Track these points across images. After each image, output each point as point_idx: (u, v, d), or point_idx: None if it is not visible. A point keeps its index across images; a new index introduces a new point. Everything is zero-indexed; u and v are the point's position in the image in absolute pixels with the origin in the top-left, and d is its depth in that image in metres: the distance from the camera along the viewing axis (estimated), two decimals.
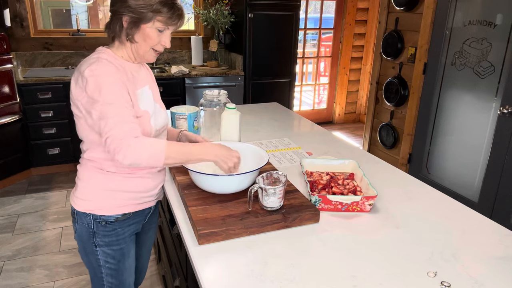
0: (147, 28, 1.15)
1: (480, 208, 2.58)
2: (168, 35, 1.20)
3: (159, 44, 1.20)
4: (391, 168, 1.61)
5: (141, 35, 1.17)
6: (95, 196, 1.25)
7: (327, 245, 1.07)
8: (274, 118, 2.29)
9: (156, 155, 1.10)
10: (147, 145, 1.09)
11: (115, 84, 1.12)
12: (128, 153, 1.07)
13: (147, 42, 1.18)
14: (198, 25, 4.22)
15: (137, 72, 1.27)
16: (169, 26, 1.18)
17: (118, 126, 1.08)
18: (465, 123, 2.74)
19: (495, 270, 0.98)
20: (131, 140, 1.08)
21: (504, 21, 2.40)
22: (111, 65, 1.15)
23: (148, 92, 1.29)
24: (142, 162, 1.09)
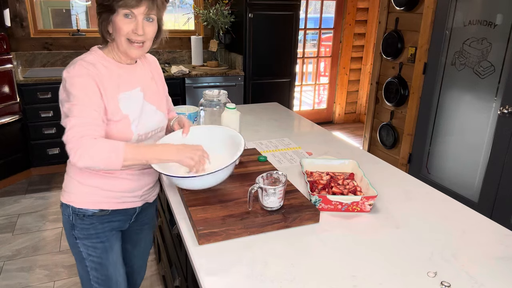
0: (115, 18, 1.15)
1: (480, 208, 2.58)
2: (139, 21, 1.16)
3: (131, 33, 1.17)
4: (391, 168, 1.61)
5: (114, 28, 1.17)
6: (75, 189, 1.27)
7: (327, 245, 1.07)
8: (274, 118, 2.29)
9: (113, 158, 1.08)
10: (103, 148, 1.08)
11: (84, 86, 1.12)
12: (82, 155, 1.06)
13: (119, 33, 1.16)
14: (198, 25, 4.22)
15: (128, 74, 1.26)
16: (131, 9, 1.14)
17: (77, 126, 1.08)
18: (465, 123, 2.74)
19: (495, 270, 0.98)
20: (88, 141, 1.07)
21: (504, 21, 2.40)
22: (89, 66, 1.15)
23: (138, 94, 1.27)
24: (97, 165, 1.08)
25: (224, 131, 1.40)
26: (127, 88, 1.24)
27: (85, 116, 1.10)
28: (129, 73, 1.27)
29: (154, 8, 1.17)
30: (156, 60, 1.46)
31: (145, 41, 1.20)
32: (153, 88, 1.35)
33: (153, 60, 1.45)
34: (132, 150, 1.11)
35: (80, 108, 1.10)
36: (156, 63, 1.45)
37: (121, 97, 1.21)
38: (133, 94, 1.25)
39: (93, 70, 1.15)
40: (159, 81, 1.41)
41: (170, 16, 4.36)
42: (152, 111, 1.32)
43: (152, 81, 1.36)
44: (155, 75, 1.40)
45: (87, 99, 1.11)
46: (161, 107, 1.37)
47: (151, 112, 1.31)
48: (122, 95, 1.22)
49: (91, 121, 1.10)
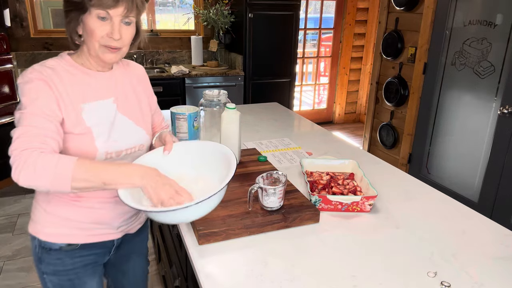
0: (87, 19, 0.99)
1: (480, 208, 2.58)
2: (116, 24, 1.00)
3: (106, 37, 1.01)
4: (391, 168, 1.61)
5: (85, 31, 1.02)
6: (41, 219, 1.11)
7: (327, 245, 1.07)
8: (274, 118, 2.29)
9: (58, 176, 0.88)
10: (49, 162, 0.89)
11: (35, 92, 0.97)
12: (24, 172, 0.88)
13: (91, 37, 1.01)
14: (198, 25, 4.22)
15: (99, 82, 1.10)
16: (108, 10, 0.98)
17: (23, 136, 0.92)
18: (465, 123, 2.74)
19: (495, 270, 0.98)
20: (31, 154, 0.89)
21: (504, 21, 2.40)
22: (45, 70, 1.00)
23: (109, 106, 1.10)
24: (41, 184, 0.89)
25: (214, 147, 1.18)
26: (94, 98, 1.07)
27: (33, 126, 0.94)
28: (101, 81, 1.11)
29: (133, 9, 1.02)
30: (141, 69, 1.27)
31: (121, 47, 1.05)
32: (131, 99, 1.17)
33: (138, 69, 1.26)
34: (85, 168, 0.91)
35: (29, 117, 0.94)
36: (141, 73, 1.26)
37: (85, 107, 1.05)
38: (103, 104, 1.09)
39: (49, 74, 1.00)
40: (142, 92, 1.23)
41: (170, 16, 4.36)
42: (128, 126, 1.14)
43: (132, 92, 1.18)
44: (139, 85, 1.22)
45: (37, 107, 0.96)
46: (142, 122, 1.18)
47: (126, 127, 1.13)
48: (87, 105, 1.06)
49: (40, 131, 0.94)
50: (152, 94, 1.30)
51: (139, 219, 1.27)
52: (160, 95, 3.55)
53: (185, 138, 1.80)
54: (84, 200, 1.09)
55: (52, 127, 0.97)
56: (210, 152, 1.16)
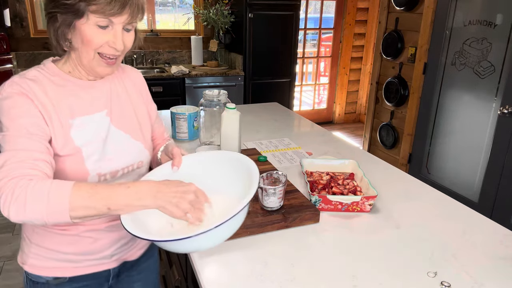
0: (83, 26, 0.86)
1: (480, 208, 2.58)
2: (118, 32, 0.88)
3: (106, 45, 0.88)
4: (391, 168, 1.61)
5: (78, 37, 0.88)
6: (26, 249, 1.01)
7: (327, 245, 1.07)
8: (274, 118, 2.29)
9: (55, 208, 0.75)
10: (40, 191, 0.75)
11: (17, 109, 0.84)
12: (13, 206, 0.75)
13: (87, 46, 0.88)
14: (198, 25, 4.22)
15: (90, 92, 0.96)
16: (112, 18, 0.85)
17: (8, 163, 0.78)
18: (465, 123, 2.74)
19: (495, 270, 0.98)
20: (20, 184, 0.75)
21: (504, 21, 2.40)
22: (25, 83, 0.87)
23: (102, 120, 0.97)
24: (37, 219, 0.76)
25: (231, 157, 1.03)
26: (85, 112, 0.94)
27: (19, 149, 0.81)
28: (92, 92, 0.97)
29: (137, 15, 0.90)
30: (138, 75, 1.13)
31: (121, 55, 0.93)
32: (127, 110, 1.04)
33: (134, 75, 1.11)
34: (84, 193, 0.77)
35: (12, 140, 0.81)
36: (138, 79, 1.12)
37: (75, 123, 0.92)
38: (94, 119, 0.95)
39: (31, 87, 0.87)
40: (140, 101, 1.09)
41: (170, 16, 4.36)
42: (124, 141, 1.00)
43: (128, 102, 1.05)
44: (136, 93, 1.08)
45: (21, 126, 0.82)
46: (139, 135, 1.05)
47: (122, 143, 1.00)
48: (77, 120, 0.92)
49: (28, 154, 0.81)
50: (151, 102, 1.15)
51: (138, 244, 1.13)
52: (160, 95, 3.56)
53: (185, 138, 1.80)
54: (71, 228, 0.97)
55: (41, 147, 0.84)
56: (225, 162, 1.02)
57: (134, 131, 1.04)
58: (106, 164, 0.96)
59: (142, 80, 1.14)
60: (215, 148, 1.64)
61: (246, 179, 0.92)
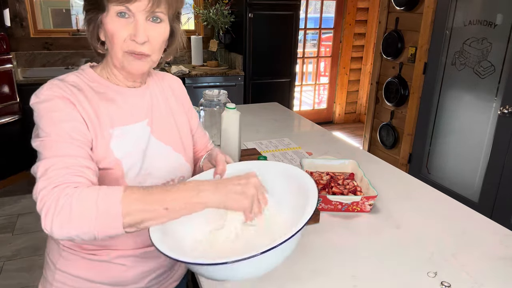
0: (106, 19, 0.81)
1: (480, 208, 2.58)
2: (140, 22, 0.80)
3: (128, 40, 0.81)
4: (391, 168, 1.61)
5: (106, 34, 0.83)
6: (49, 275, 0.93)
7: (327, 245, 1.07)
8: (274, 118, 2.29)
9: (106, 216, 0.68)
10: (89, 200, 0.68)
11: (59, 112, 0.78)
12: (57, 218, 0.67)
13: (113, 42, 0.82)
14: (198, 25, 4.22)
15: (130, 101, 0.90)
16: (128, 4, 0.78)
17: (50, 171, 0.71)
18: (465, 123, 2.74)
19: (495, 270, 0.98)
20: (65, 192, 0.68)
21: (504, 21, 2.40)
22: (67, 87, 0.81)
23: (142, 130, 0.90)
24: (85, 231, 0.68)
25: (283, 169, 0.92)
26: (125, 121, 0.88)
27: (61, 155, 0.74)
28: (132, 99, 0.91)
29: (161, 3, 0.81)
30: (178, 82, 1.07)
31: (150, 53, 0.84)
32: (168, 120, 0.97)
33: (174, 82, 1.06)
34: (137, 195, 0.70)
35: (54, 145, 0.75)
36: (177, 86, 1.05)
37: (115, 133, 0.85)
38: (135, 129, 0.89)
39: (73, 92, 0.81)
40: (180, 110, 1.02)
41: None
42: (164, 153, 0.94)
43: (168, 111, 0.98)
44: (176, 102, 1.02)
45: (62, 130, 0.76)
46: (181, 147, 0.97)
47: (162, 155, 0.93)
48: (117, 130, 0.86)
49: (72, 161, 0.74)
50: (192, 110, 1.08)
51: (175, 274, 1.03)
52: None
53: None
54: (101, 253, 0.88)
55: (85, 154, 0.77)
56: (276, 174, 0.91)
57: (175, 142, 0.96)
58: (145, 179, 0.88)
59: (183, 87, 1.08)
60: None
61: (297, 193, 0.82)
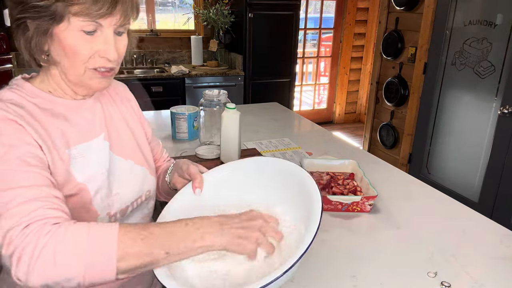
0: (63, 33, 0.68)
1: (480, 208, 2.58)
2: (109, 38, 0.70)
3: (96, 56, 0.71)
4: (391, 168, 1.61)
5: (59, 48, 0.70)
6: None
7: (327, 245, 1.07)
8: (274, 118, 2.29)
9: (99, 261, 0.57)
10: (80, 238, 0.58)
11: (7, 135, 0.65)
12: (37, 266, 0.55)
13: (72, 59, 0.70)
14: (198, 25, 4.22)
15: (81, 115, 0.79)
16: (99, 20, 0.67)
17: (11, 205, 0.59)
18: (465, 123, 2.74)
19: (495, 270, 0.98)
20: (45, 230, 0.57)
21: (504, 21, 2.40)
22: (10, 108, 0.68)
23: (101, 145, 0.80)
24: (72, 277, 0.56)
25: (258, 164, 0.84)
26: (81, 139, 0.77)
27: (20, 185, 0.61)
28: (84, 113, 0.79)
29: (132, 14, 0.73)
30: (125, 88, 0.97)
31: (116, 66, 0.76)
32: (123, 131, 0.87)
33: (121, 88, 0.95)
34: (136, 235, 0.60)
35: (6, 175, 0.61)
36: (126, 92, 0.96)
37: (73, 154, 0.74)
38: (93, 146, 0.78)
39: (16, 111, 0.68)
40: (133, 118, 0.93)
41: (170, 16, 4.35)
42: (126, 168, 0.84)
43: (122, 121, 0.89)
44: (127, 110, 0.92)
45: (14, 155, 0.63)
46: (142, 159, 0.88)
47: (125, 172, 0.83)
48: (74, 150, 0.74)
49: (40, 191, 0.62)
50: (144, 118, 0.98)
51: None
52: (160, 95, 3.56)
53: (185, 138, 1.80)
54: None
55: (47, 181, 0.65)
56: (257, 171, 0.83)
57: (135, 155, 0.87)
58: (114, 200, 0.79)
59: (129, 91, 0.98)
60: (215, 149, 1.64)
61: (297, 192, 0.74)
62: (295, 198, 0.75)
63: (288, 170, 0.80)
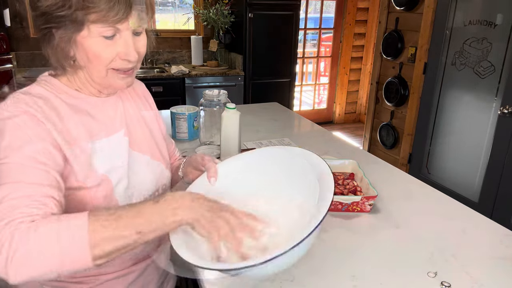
0: (85, 40, 0.73)
1: (480, 208, 2.57)
2: (128, 40, 0.75)
3: (117, 59, 0.76)
4: (391, 168, 1.61)
5: (83, 53, 0.75)
6: None
7: (327, 245, 1.06)
8: (274, 118, 2.29)
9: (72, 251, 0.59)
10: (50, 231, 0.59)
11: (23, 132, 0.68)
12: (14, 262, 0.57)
13: (94, 62, 0.75)
14: (198, 25, 4.22)
15: (104, 111, 0.85)
16: (117, 25, 0.72)
17: (6, 201, 0.62)
18: (465, 123, 2.74)
19: (495, 270, 0.98)
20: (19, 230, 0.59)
21: (504, 21, 2.40)
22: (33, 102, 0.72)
23: (121, 141, 0.85)
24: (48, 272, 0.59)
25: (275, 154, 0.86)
26: (103, 133, 0.83)
27: (22, 181, 0.64)
28: (107, 110, 0.85)
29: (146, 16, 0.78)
30: (143, 86, 1.03)
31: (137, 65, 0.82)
32: (142, 129, 0.93)
33: (139, 87, 1.00)
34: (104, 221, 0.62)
35: (14, 170, 0.65)
36: (143, 89, 1.02)
37: (95, 148, 0.79)
38: (114, 141, 0.84)
39: (40, 106, 0.72)
40: (150, 115, 0.98)
41: (170, 16, 4.35)
42: (144, 163, 0.89)
43: (140, 118, 0.94)
44: (145, 108, 0.98)
45: (26, 153, 0.67)
46: (159, 154, 0.94)
47: (143, 166, 0.88)
48: (97, 144, 0.80)
49: (34, 189, 0.64)
50: (160, 116, 1.04)
51: None
52: (160, 95, 3.56)
53: (185, 138, 1.80)
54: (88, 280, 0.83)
55: (51, 181, 0.68)
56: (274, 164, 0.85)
57: (152, 150, 0.92)
58: (133, 192, 0.84)
59: (147, 91, 1.03)
60: (216, 149, 1.64)
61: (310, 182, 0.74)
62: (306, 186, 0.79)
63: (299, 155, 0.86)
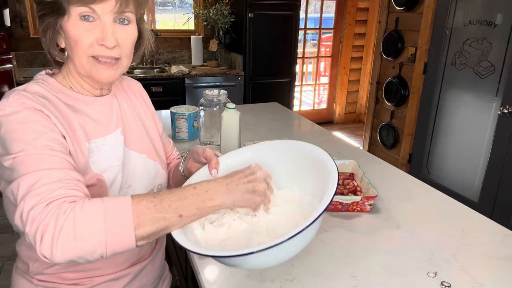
0: (67, 24, 0.73)
1: (480, 208, 2.58)
2: (107, 25, 0.73)
3: (95, 44, 0.74)
4: (391, 168, 1.61)
5: (68, 40, 0.75)
6: None
7: (327, 245, 1.07)
8: (274, 118, 2.29)
9: (117, 231, 0.61)
10: (96, 214, 0.60)
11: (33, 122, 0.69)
12: (59, 240, 0.58)
13: (74, 48, 0.74)
14: (198, 25, 4.22)
15: (99, 110, 0.84)
16: (92, 5, 0.71)
17: (37, 187, 0.62)
18: (465, 123, 2.74)
19: (495, 270, 0.98)
20: (62, 208, 0.60)
21: (504, 21, 2.40)
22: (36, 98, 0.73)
23: (117, 140, 0.85)
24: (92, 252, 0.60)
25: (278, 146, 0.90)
26: (100, 133, 0.82)
27: (45, 168, 0.64)
28: (102, 109, 0.84)
29: (129, 2, 0.75)
30: (139, 86, 1.01)
31: (120, 57, 0.78)
32: (138, 128, 0.92)
33: (135, 86, 0.99)
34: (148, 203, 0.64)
35: (34, 159, 0.65)
36: (140, 88, 1.00)
37: (92, 147, 0.79)
38: (110, 140, 0.83)
39: (43, 103, 0.73)
40: (147, 114, 0.98)
41: (170, 16, 4.35)
42: (140, 162, 0.89)
43: (136, 117, 0.93)
44: (141, 107, 0.97)
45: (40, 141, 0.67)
46: (155, 154, 0.93)
47: (139, 165, 0.88)
48: (93, 143, 0.80)
49: (63, 173, 0.66)
50: (156, 116, 1.03)
51: None
52: (160, 95, 3.56)
53: (185, 138, 1.80)
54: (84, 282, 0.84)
55: (71, 166, 0.69)
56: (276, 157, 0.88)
57: (148, 150, 0.92)
58: (127, 192, 0.84)
59: (144, 90, 1.02)
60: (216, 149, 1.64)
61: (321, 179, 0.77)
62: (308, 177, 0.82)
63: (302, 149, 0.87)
